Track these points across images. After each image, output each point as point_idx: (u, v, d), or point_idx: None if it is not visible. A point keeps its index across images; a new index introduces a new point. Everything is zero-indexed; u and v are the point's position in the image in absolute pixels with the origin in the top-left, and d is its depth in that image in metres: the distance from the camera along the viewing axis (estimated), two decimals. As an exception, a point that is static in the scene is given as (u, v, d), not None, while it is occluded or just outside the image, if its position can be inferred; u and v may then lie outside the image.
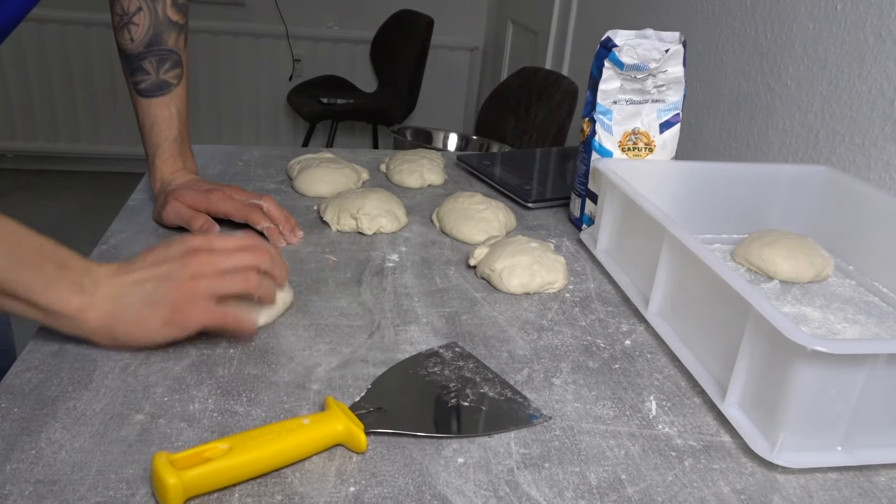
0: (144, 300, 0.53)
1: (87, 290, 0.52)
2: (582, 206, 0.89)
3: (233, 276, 0.56)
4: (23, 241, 0.51)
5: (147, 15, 0.79)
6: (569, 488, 0.46)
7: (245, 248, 0.58)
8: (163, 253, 0.56)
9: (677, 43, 0.83)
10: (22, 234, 0.51)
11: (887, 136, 0.91)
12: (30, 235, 0.51)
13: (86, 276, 0.53)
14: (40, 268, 0.51)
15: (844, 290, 0.77)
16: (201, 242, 0.57)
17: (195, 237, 0.58)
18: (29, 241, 0.51)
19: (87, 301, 0.52)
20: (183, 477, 0.41)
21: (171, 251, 0.56)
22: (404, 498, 0.44)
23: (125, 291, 0.53)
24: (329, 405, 0.49)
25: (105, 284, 0.53)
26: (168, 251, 0.56)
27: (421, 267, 0.76)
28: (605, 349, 0.63)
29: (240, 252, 0.57)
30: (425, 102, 3.19)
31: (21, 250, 0.50)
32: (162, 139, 0.80)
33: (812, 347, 0.46)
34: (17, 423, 0.48)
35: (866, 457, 0.51)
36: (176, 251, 0.56)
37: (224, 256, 0.56)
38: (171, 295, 0.54)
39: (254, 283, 0.57)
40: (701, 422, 0.54)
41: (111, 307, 0.53)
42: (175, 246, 0.56)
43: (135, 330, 0.54)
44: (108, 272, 0.54)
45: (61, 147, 3.15)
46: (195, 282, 0.54)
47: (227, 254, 0.57)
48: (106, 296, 0.53)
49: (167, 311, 0.54)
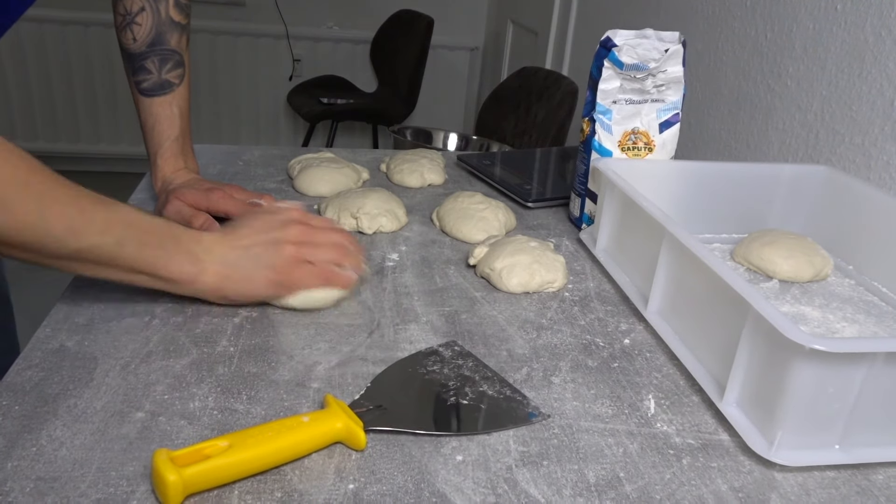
0: (253, 263, 0.61)
1: (201, 257, 0.59)
2: (582, 205, 0.89)
3: (328, 246, 0.64)
4: (144, 224, 0.57)
5: (150, 15, 0.79)
6: (567, 486, 0.46)
7: (331, 227, 0.67)
8: (264, 221, 0.64)
9: (677, 43, 0.83)
10: (142, 220, 0.57)
11: (887, 136, 0.91)
12: (148, 220, 0.57)
13: (197, 244, 0.59)
14: (161, 247, 0.57)
15: (843, 289, 0.77)
16: (298, 215, 0.65)
17: (293, 209, 0.66)
18: (146, 223, 0.57)
19: (201, 267, 0.59)
20: (183, 474, 0.41)
21: (273, 220, 0.64)
22: (403, 495, 0.44)
23: (236, 255, 0.61)
24: (328, 403, 0.49)
25: (215, 251, 0.60)
26: (270, 220, 0.64)
27: (421, 266, 0.76)
28: (605, 348, 0.63)
29: (328, 230, 0.66)
30: (425, 102, 3.19)
31: (144, 233, 0.56)
32: (163, 138, 0.81)
33: (810, 346, 0.46)
34: (18, 420, 0.48)
35: (864, 455, 0.51)
36: (276, 221, 0.64)
37: (318, 231, 0.65)
38: (277, 259, 0.61)
39: (344, 255, 0.65)
40: (699, 420, 0.55)
41: (223, 270, 0.60)
42: (275, 215, 0.64)
43: (244, 288, 0.61)
44: (215, 239, 0.61)
45: (61, 147, 3.16)
46: (297, 248, 0.62)
47: (320, 229, 0.65)
48: (218, 260, 0.60)
49: (273, 273, 0.61)
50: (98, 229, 0.53)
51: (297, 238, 0.62)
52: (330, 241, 0.65)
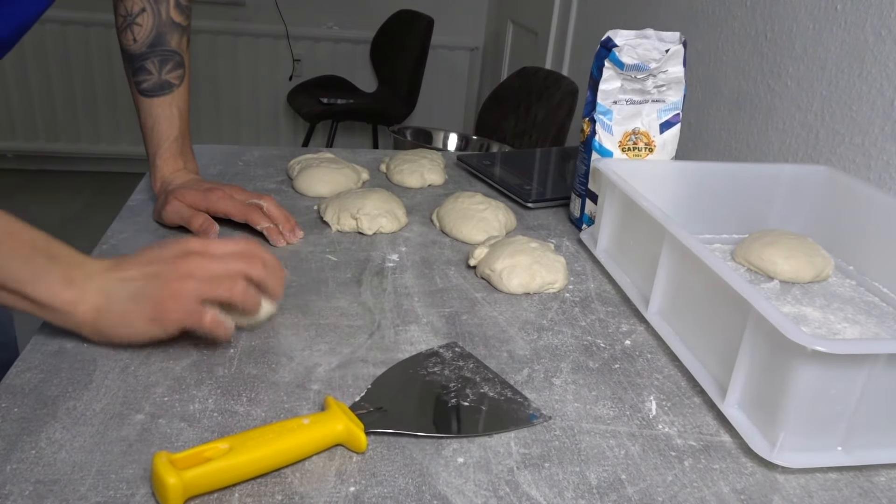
0: (131, 296, 0.53)
1: (78, 283, 0.53)
2: (582, 206, 0.89)
3: (219, 282, 0.55)
4: (15, 234, 0.51)
5: (150, 16, 0.79)
6: (569, 488, 0.46)
7: (240, 254, 0.57)
8: (157, 252, 0.56)
9: (677, 43, 0.83)
10: (15, 227, 0.52)
11: (887, 136, 0.91)
12: (23, 229, 0.52)
13: (78, 269, 0.53)
14: (31, 261, 0.51)
15: (844, 290, 0.77)
16: (197, 245, 0.56)
17: (193, 239, 0.57)
18: (22, 234, 0.52)
19: (76, 295, 0.52)
20: (183, 477, 0.41)
21: (166, 251, 0.56)
22: (404, 498, 0.44)
23: (115, 287, 0.54)
24: (329, 405, 0.49)
25: (96, 279, 0.53)
26: (163, 251, 0.56)
27: (421, 267, 0.76)
28: (605, 349, 0.63)
29: (233, 258, 0.56)
30: (425, 102, 3.18)
31: (13, 243, 0.51)
32: (163, 139, 0.81)
33: (812, 347, 0.46)
34: (17, 422, 0.48)
35: (866, 457, 0.51)
36: (170, 252, 0.56)
37: (216, 261, 0.56)
38: (156, 293, 0.53)
39: (238, 292, 0.55)
40: (701, 422, 0.54)
41: (100, 302, 0.53)
42: (171, 246, 0.56)
43: (120, 326, 0.54)
44: (101, 267, 0.54)
45: (61, 147, 3.15)
46: (181, 282, 0.54)
47: (220, 259, 0.56)
48: (96, 290, 0.53)
49: (151, 309, 0.53)
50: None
51: (186, 272, 0.54)
52: (229, 273, 0.55)
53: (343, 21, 3.26)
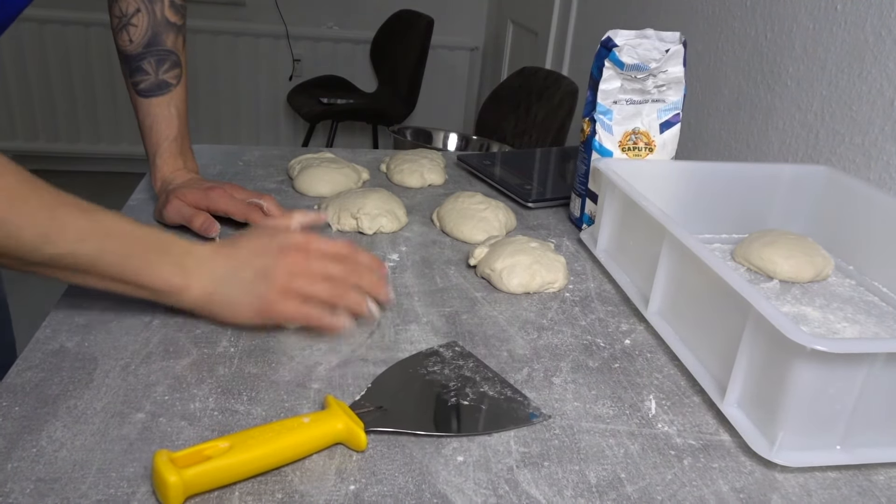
0: (241, 288, 0.58)
1: (189, 269, 0.57)
2: (582, 205, 0.89)
3: (323, 284, 0.59)
4: (127, 234, 0.55)
5: (145, 16, 0.80)
6: (568, 487, 0.46)
7: (338, 256, 0.62)
8: (262, 243, 0.61)
9: (677, 43, 0.83)
10: (125, 227, 0.56)
11: (887, 136, 0.91)
12: (133, 228, 0.56)
13: (187, 256, 0.58)
14: (145, 257, 0.56)
15: (844, 289, 0.77)
16: (299, 240, 0.61)
17: (299, 233, 0.62)
18: (133, 233, 0.56)
19: (188, 280, 0.57)
20: (183, 475, 0.41)
21: (271, 244, 0.60)
22: (404, 496, 0.44)
23: (225, 275, 0.58)
24: (329, 404, 0.49)
25: (206, 265, 0.58)
26: (268, 243, 0.60)
27: (421, 266, 0.76)
28: (605, 348, 0.63)
29: (333, 261, 0.61)
30: (425, 102, 3.18)
31: (127, 243, 0.55)
32: (162, 138, 0.81)
33: (811, 347, 0.46)
34: (18, 421, 0.48)
35: (865, 455, 0.51)
36: (274, 244, 0.60)
37: (318, 261, 0.60)
38: (265, 289, 0.58)
39: (338, 294, 0.60)
40: (700, 421, 0.55)
41: (211, 287, 0.58)
42: (274, 239, 0.61)
43: (228, 311, 0.59)
44: (208, 252, 0.59)
45: (61, 147, 3.15)
46: (288, 280, 0.58)
47: (320, 258, 0.60)
48: (206, 276, 0.58)
49: (259, 303, 0.58)
50: (74, 237, 0.52)
51: (289, 268, 0.59)
52: (327, 274, 0.60)
53: (343, 21, 3.26)
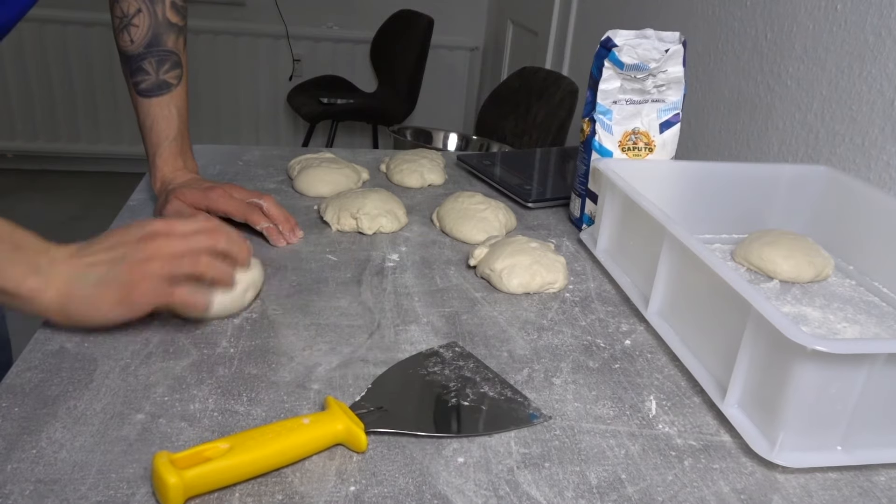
0: (97, 281, 0.55)
1: (43, 270, 0.53)
2: (582, 205, 0.89)
3: (182, 258, 0.57)
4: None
5: (146, 17, 0.80)
6: (569, 488, 0.46)
7: (201, 230, 0.59)
8: (120, 236, 0.57)
9: (677, 43, 0.83)
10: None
11: (887, 136, 0.91)
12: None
13: (42, 256, 0.54)
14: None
15: (844, 289, 0.77)
16: (160, 226, 0.58)
17: (156, 221, 0.59)
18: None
19: (41, 282, 0.53)
20: (183, 476, 0.41)
21: (129, 234, 0.57)
22: (404, 497, 0.44)
23: (80, 273, 0.55)
24: (329, 405, 0.49)
25: (61, 266, 0.54)
26: (126, 234, 0.57)
27: (421, 267, 0.76)
28: (605, 349, 0.63)
29: (195, 235, 0.58)
30: (425, 102, 3.18)
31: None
32: (162, 138, 0.81)
33: (812, 347, 0.46)
34: (17, 422, 0.48)
35: (866, 456, 0.51)
36: (133, 234, 0.57)
37: (179, 240, 0.57)
38: (122, 276, 0.55)
39: (203, 265, 0.57)
40: (701, 421, 0.54)
41: (66, 288, 0.54)
42: (134, 229, 0.57)
43: (88, 310, 0.55)
44: (66, 254, 0.55)
45: (61, 147, 3.15)
46: (147, 264, 0.55)
47: (182, 237, 0.57)
48: (61, 277, 0.54)
49: (118, 292, 0.55)
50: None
51: (150, 253, 0.56)
52: (192, 250, 0.57)
53: (343, 21, 3.26)
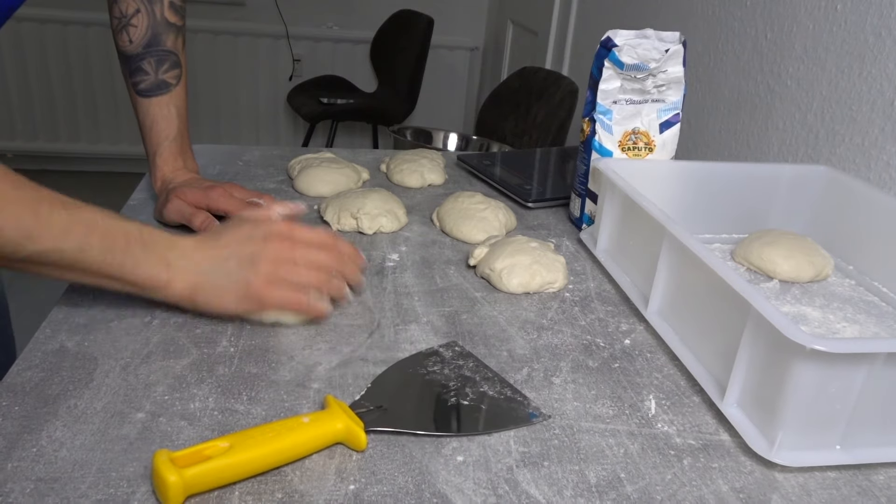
0: (227, 277, 0.59)
1: (173, 263, 0.58)
2: (582, 205, 0.89)
3: (308, 271, 0.61)
4: (110, 229, 0.55)
5: (145, 17, 0.80)
6: (568, 487, 0.46)
7: (322, 245, 0.63)
8: (246, 232, 0.61)
9: (677, 43, 0.83)
10: (108, 223, 0.55)
11: (887, 136, 0.91)
12: (115, 223, 0.56)
13: (171, 251, 0.58)
14: (128, 252, 0.56)
15: (844, 289, 0.77)
16: (283, 229, 0.62)
17: (279, 222, 0.63)
18: (116, 227, 0.56)
19: (172, 274, 0.57)
20: (183, 475, 0.41)
21: (255, 232, 0.61)
22: (404, 496, 0.44)
23: (210, 266, 0.59)
24: (329, 404, 0.49)
25: (190, 258, 0.58)
26: (252, 232, 0.61)
27: (421, 266, 0.76)
28: (605, 348, 0.63)
29: (317, 249, 0.63)
30: (425, 102, 3.18)
31: (110, 237, 0.55)
32: (162, 138, 0.81)
33: (811, 346, 0.46)
34: (18, 421, 0.48)
35: (865, 455, 0.51)
36: (258, 233, 0.61)
37: (302, 249, 0.61)
38: (251, 276, 0.59)
39: (323, 281, 0.62)
40: (700, 420, 0.55)
41: (196, 279, 0.58)
42: (259, 227, 0.62)
43: (215, 301, 0.59)
44: (192, 245, 0.59)
45: (61, 147, 3.15)
46: (274, 267, 0.60)
47: (305, 247, 0.62)
48: (191, 268, 0.58)
49: (246, 289, 0.59)
50: (56, 234, 0.52)
51: (275, 255, 0.60)
52: (311, 262, 0.62)
53: (343, 21, 3.26)
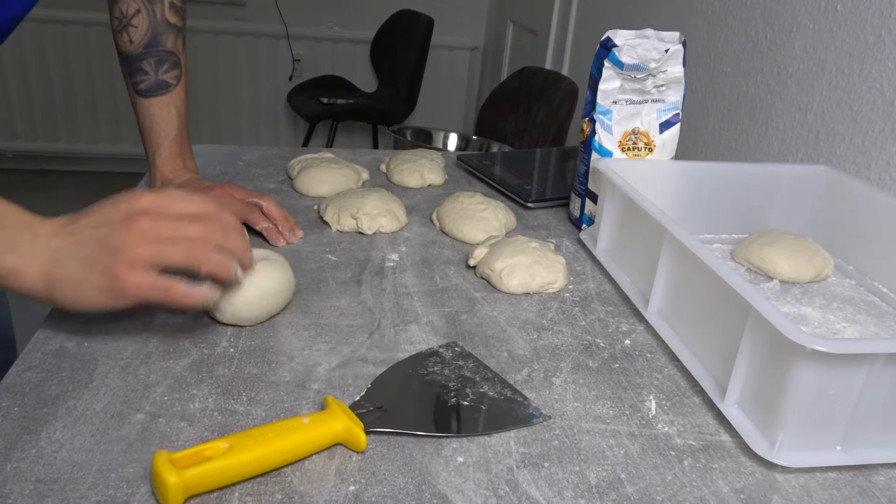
0: (82, 263, 0.50)
1: (24, 248, 0.49)
2: (582, 205, 0.89)
3: (175, 246, 0.51)
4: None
5: (145, 17, 0.80)
6: (568, 487, 0.46)
7: (197, 215, 0.52)
8: (107, 212, 0.52)
9: (677, 43, 0.83)
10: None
11: (887, 136, 0.91)
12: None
13: (23, 232, 0.50)
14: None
15: (844, 289, 0.77)
16: (149, 203, 0.51)
17: (146, 194, 0.52)
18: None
19: (23, 261, 0.49)
20: (183, 476, 0.41)
21: (117, 210, 0.51)
22: (404, 497, 0.44)
23: (64, 252, 0.50)
24: (329, 404, 0.49)
25: (44, 242, 0.50)
26: (113, 210, 0.51)
27: (421, 267, 0.76)
28: (605, 349, 0.63)
29: (189, 221, 0.52)
30: (425, 102, 3.18)
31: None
32: (162, 138, 0.81)
33: (811, 347, 0.46)
34: (17, 422, 0.48)
35: (865, 456, 0.51)
36: (121, 211, 0.51)
37: (171, 223, 0.51)
38: (111, 262, 0.50)
39: (198, 256, 0.51)
40: (700, 421, 0.54)
41: (49, 267, 0.50)
42: (122, 204, 0.52)
43: (73, 294, 0.51)
44: (50, 229, 0.51)
45: (61, 147, 3.15)
46: (134, 248, 0.50)
47: (174, 220, 0.51)
48: (44, 254, 0.50)
49: (104, 279, 0.50)
50: None
51: (139, 235, 0.50)
52: (184, 237, 0.51)
53: (343, 21, 3.26)
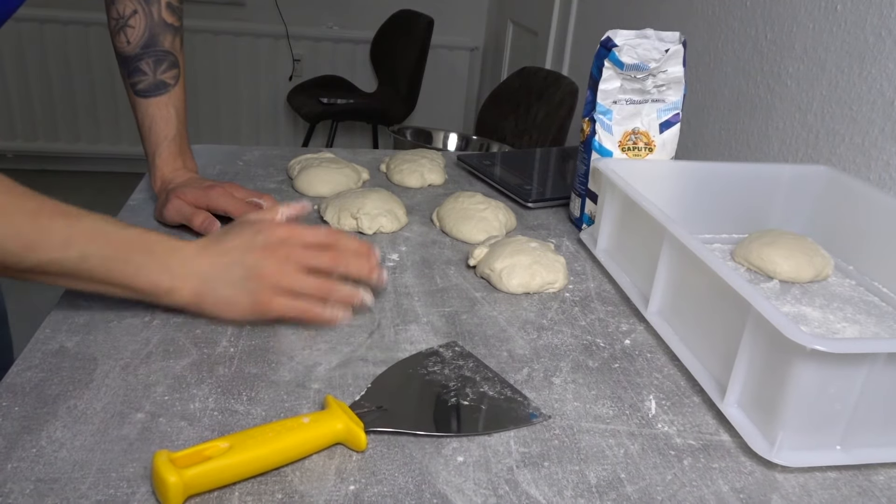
0: (233, 287, 0.58)
1: (175, 270, 0.57)
2: (582, 205, 0.89)
3: (309, 279, 0.60)
4: (111, 237, 0.55)
5: (142, 17, 0.80)
6: (568, 487, 0.46)
7: (327, 246, 0.62)
8: (248, 239, 0.60)
9: (677, 43, 0.83)
10: (108, 231, 0.56)
11: (887, 136, 0.91)
12: (116, 230, 0.56)
13: (173, 257, 0.58)
14: (129, 259, 0.56)
15: (844, 289, 0.77)
16: (282, 233, 0.60)
17: (282, 225, 0.61)
18: (116, 235, 0.56)
19: (176, 282, 0.57)
20: (183, 475, 0.41)
21: (257, 240, 0.60)
22: (404, 496, 0.44)
23: (214, 273, 0.59)
24: (329, 404, 0.49)
25: (193, 263, 0.58)
26: (254, 239, 0.60)
27: (421, 266, 0.76)
28: (605, 348, 0.63)
29: (321, 252, 0.61)
30: (425, 102, 3.18)
31: (111, 247, 0.55)
32: (161, 138, 0.81)
33: (811, 347, 0.46)
34: (17, 421, 0.48)
35: (865, 456, 0.51)
36: (260, 242, 0.60)
37: (301, 253, 0.60)
38: (256, 287, 0.58)
39: (327, 288, 0.60)
40: (700, 421, 0.54)
41: (200, 286, 0.58)
42: (261, 235, 0.60)
43: (221, 309, 0.59)
44: (195, 250, 0.59)
45: (61, 147, 3.15)
46: (278, 276, 0.59)
47: (305, 250, 0.60)
48: (194, 275, 0.58)
49: (252, 301, 0.59)
50: (57, 244, 0.52)
51: (277, 265, 0.59)
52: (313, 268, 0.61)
53: (343, 21, 3.26)
